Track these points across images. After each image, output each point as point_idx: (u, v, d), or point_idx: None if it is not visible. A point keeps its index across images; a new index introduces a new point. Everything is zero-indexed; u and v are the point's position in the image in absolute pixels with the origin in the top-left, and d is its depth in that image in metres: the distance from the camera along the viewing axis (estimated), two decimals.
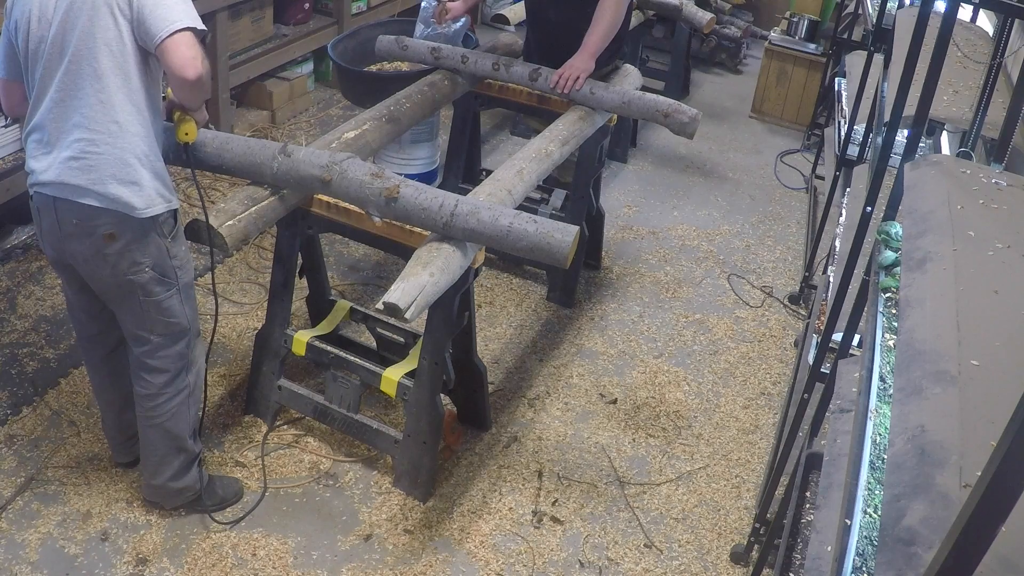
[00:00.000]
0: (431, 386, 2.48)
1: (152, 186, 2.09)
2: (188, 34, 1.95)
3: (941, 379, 1.09)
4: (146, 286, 2.17)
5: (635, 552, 2.56)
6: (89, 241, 2.09)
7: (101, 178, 2.04)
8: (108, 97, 2.01)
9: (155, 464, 2.38)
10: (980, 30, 2.77)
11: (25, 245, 3.45)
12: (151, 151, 2.10)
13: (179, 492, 2.42)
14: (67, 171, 2.04)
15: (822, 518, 1.54)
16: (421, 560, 2.45)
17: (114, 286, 2.17)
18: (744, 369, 3.35)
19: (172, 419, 2.32)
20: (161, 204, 2.11)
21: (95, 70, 1.99)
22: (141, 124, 2.06)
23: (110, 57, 1.98)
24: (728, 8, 6.20)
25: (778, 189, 4.76)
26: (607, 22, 3.03)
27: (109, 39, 1.97)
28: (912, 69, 1.66)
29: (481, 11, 6.28)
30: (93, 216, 2.06)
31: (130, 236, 2.09)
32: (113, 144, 2.03)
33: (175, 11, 1.95)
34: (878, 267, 1.67)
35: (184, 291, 2.25)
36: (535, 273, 3.68)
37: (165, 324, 2.24)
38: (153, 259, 2.15)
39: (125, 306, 2.22)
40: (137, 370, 2.31)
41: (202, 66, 1.98)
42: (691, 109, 3.00)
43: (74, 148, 2.04)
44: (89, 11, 1.96)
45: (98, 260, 2.11)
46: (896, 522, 0.92)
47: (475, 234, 2.21)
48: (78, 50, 1.98)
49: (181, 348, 2.29)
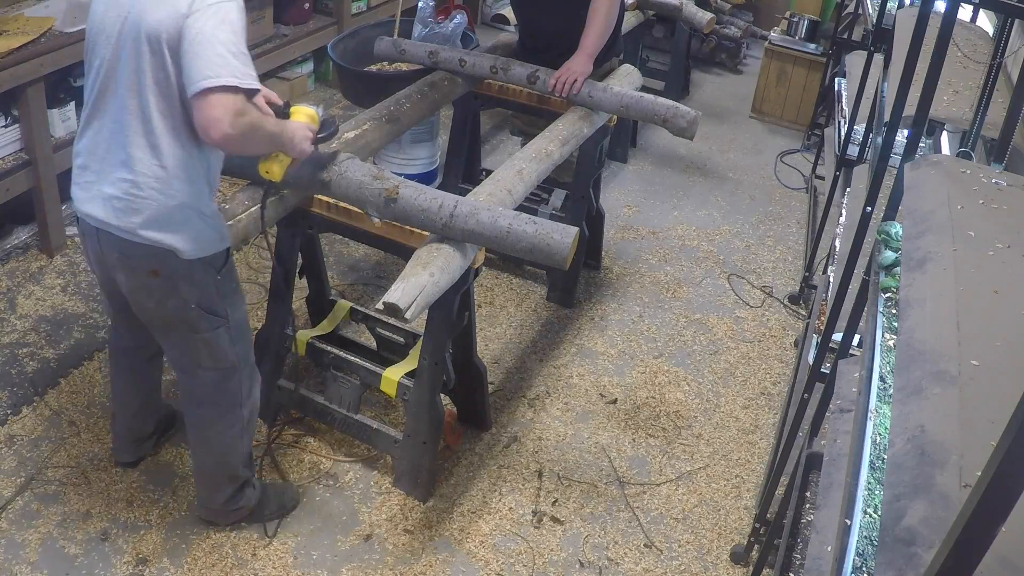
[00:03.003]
0: (431, 386, 2.48)
1: (199, 230, 1.99)
2: (221, 92, 1.78)
3: (941, 379, 1.09)
4: (192, 322, 2.07)
5: (635, 552, 2.56)
6: (132, 275, 2.01)
7: (144, 223, 1.93)
8: (156, 140, 1.90)
9: (209, 489, 2.36)
10: (980, 30, 2.77)
11: (25, 245, 3.45)
12: (200, 194, 1.99)
13: (235, 512, 2.41)
14: (110, 210, 1.95)
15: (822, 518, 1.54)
16: (421, 560, 2.45)
17: (159, 318, 2.09)
18: (744, 369, 3.35)
19: (224, 451, 2.28)
20: (209, 247, 2.02)
21: (143, 109, 1.88)
22: (190, 168, 1.94)
23: (158, 97, 1.86)
24: (728, 8, 6.19)
25: (778, 189, 4.75)
26: (601, 22, 3.03)
27: (159, 78, 1.85)
28: (912, 69, 1.66)
29: (481, 11, 6.28)
30: (136, 252, 1.97)
31: (175, 274, 2.00)
32: (158, 190, 1.92)
33: (214, 64, 1.78)
34: (878, 267, 1.67)
35: (235, 328, 2.16)
36: (535, 273, 3.68)
37: (213, 360, 2.15)
38: (199, 296, 2.05)
39: (171, 339, 2.15)
40: (186, 401, 2.25)
41: (232, 127, 1.79)
42: (690, 112, 2.99)
43: (118, 187, 1.94)
44: (134, 43, 1.84)
45: (142, 292, 2.04)
46: (896, 522, 0.92)
47: (474, 235, 2.21)
48: (128, 84, 1.87)
49: (231, 385, 2.21)
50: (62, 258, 3.42)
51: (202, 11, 1.79)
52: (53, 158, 3.27)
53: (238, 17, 1.84)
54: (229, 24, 1.81)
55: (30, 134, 3.16)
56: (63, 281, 3.31)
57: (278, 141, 2.01)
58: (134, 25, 1.83)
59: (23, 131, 3.17)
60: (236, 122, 1.80)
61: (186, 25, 1.79)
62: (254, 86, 1.85)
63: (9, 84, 2.98)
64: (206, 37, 1.78)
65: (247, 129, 1.84)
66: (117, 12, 1.88)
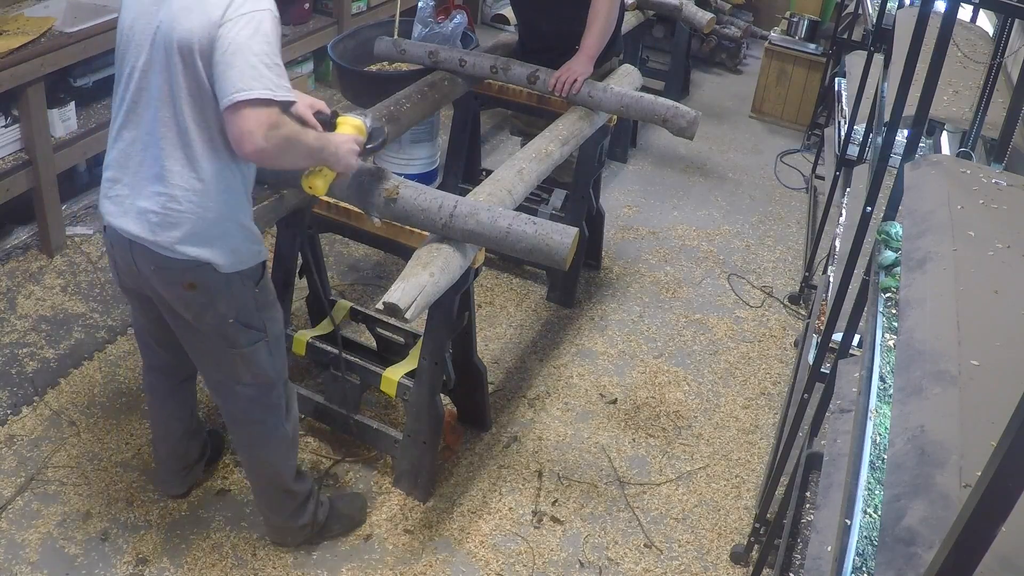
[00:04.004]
0: (431, 386, 2.48)
1: (237, 243, 1.95)
2: (254, 105, 1.73)
3: (941, 379, 1.09)
4: (231, 337, 2.02)
5: (635, 552, 2.56)
6: (168, 287, 1.96)
7: (182, 237, 1.88)
8: (193, 153, 1.84)
9: (268, 508, 2.34)
10: (980, 30, 2.77)
11: (25, 245, 3.45)
12: (237, 206, 1.94)
13: (300, 529, 2.37)
14: (145, 225, 1.89)
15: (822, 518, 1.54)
16: (421, 560, 2.45)
17: (195, 332, 2.04)
18: (744, 369, 3.35)
19: (274, 467, 2.26)
20: (247, 260, 1.98)
21: (177, 121, 1.82)
22: (227, 180, 1.90)
23: (192, 108, 1.81)
24: (728, 8, 6.19)
25: (778, 189, 4.75)
26: (602, 24, 3.03)
27: (192, 89, 1.80)
28: (912, 69, 1.66)
29: (481, 11, 6.28)
30: (172, 266, 1.92)
31: (213, 288, 1.95)
32: (196, 203, 1.87)
33: (247, 76, 1.72)
34: (878, 267, 1.67)
35: (274, 342, 2.12)
36: (535, 273, 3.68)
37: (252, 376, 2.10)
38: (238, 309, 2.00)
39: (208, 356, 2.10)
40: (230, 423, 2.21)
41: (266, 140, 1.75)
42: (690, 112, 2.99)
43: (154, 201, 1.88)
44: (165, 52, 1.78)
45: (179, 304, 1.98)
46: (896, 522, 0.92)
47: (474, 235, 2.21)
48: (161, 95, 1.82)
49: (271, 400, 2.17)
50: (62, 258, 3.42)
51: (235, 20, 1.74)
52: (53, 158, 3.27)
53: (272, 26, 1.79)
54: (263, 34, 1.76)
55: (30, 134, 3.16)
56: (63, 281, 3.31)
57: (320, 156, 1.95)
58: (165, 34, 1.78)
59: (23, 131, 3.17)
60: (270, 135, 1.76)
61: (219, 35, 1.73)
62: (289, 98, 1.79)
63: (9, 84, 2.98)
64: (239, 47, 1.73)
65: (282, 142, 1.80)
66: (147, 20, 1.82)
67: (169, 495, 2.52)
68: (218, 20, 1.74)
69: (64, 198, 3.52)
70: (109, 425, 2.73)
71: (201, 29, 1.75)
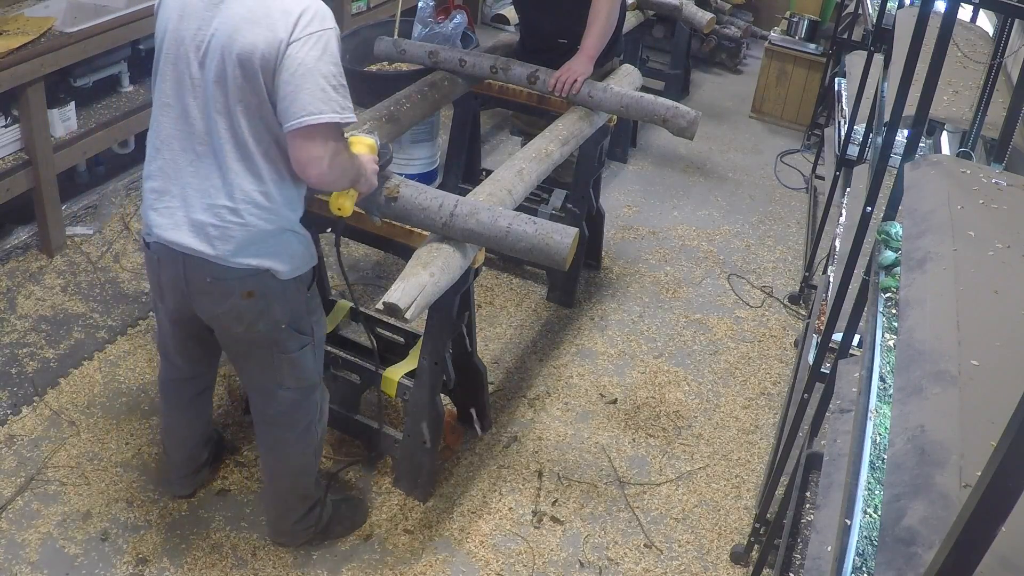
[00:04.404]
0: (431, 386, 2.48)
1: (295, 249, 1.95)
2: (324, 130, 1.73)
3: (941, 379, 1.08)
4: (282, 342, 2.02)
5: (635, 552, 2.56)
6: (224, 299, 1.92)
7: (243, 248, 1.86)
8: (254, 165, 1.81)
9: (280, 510, 2.33)
10: (980, 30, 2.77)
11: (25, 245, 3.45)
12: (295, 213, 1.94)
13: (304, 531, 2.37)
14: (203, 238, 1.85)
15: (822, 518, 1.54)
16: (421, 560, 2.45)
17: (245, 341, 2.02)
18: (744, 369, 3.35)
19: (299, 471, 2.26)
20: (303, 265, 1.99)
21: (235, 133, 1.79)
22: (286, 190, 1.88)
23: (250, 120, 1.78)
24: (728, 8, 6.20)
25: (778, 189, 4.75)
26: (602, 24, 3.03)
27: (251, 102, 1.76)
28: (912, 69, 1.66)
29: (481, 11, 6.28)
30: (231, 276, 1.89)
31: (270, 294, 1.94)
32: (258, 215, 1.85)
33: (316, 99, 1.71)
34: (878, 267, 1.67)
35: (318, 346, 2.13)
36: (535, 273, 3.68)
37: (295, 380, 2.10)
38: (292, 315, 2.00)
39: (253, 360, 2.07)
40: (262, 423, 2.20)
41: (330, 169, 1.76)
42: (690, 111, 2.99)
43: (212, 214, 1.84)
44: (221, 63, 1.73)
45: (231, 317, 1.96)
46: (896, 522, 0.92)
47: (474, 235, 2.21)
48: (218, 106, 1.78)
49: (309, 404, 2.17)
50: (62, 258, 3.42)
51: (304, 40, 1.72)
52: (53, 158, 3.27)
53: (338, 45, 1.78)
54: (330, 54, 1.75)
55: (30, 134, 3.16)
56: (63, 281, 3.31)
57: (357, 177, 1.95)
58: (223, 43, 1.74)
59: (23, 131, 3.17)
60: (334, 161, 1.77)
61: (287, 53, 1.71)
62: (351, 119, 1.79)
63: (9, 84, 2.98)
64: (308, 69, 1.71)
65: (342, 167, 1.82)
66: (197, 24, 1.77)
67: (177, 496, 2.52)
68: (285, 38, 1.71)
69: (64, 198, 3.52)
70: (109, 425, 2.73)
71: (266, 44, 1.71)
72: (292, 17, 1.72)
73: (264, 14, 1.72)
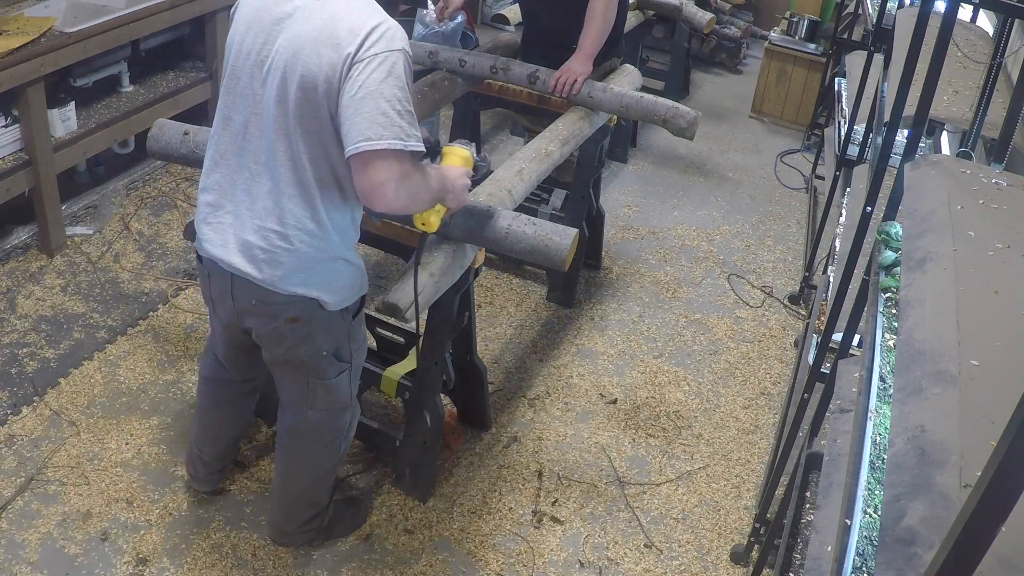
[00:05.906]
0: (431, 386, 2.48)
1: (344, 279, 1.89)
2: (385, 157, 1.63)
3: (941, 379, 1.09)
4: (321, 368, 1.99)
5: (635, 552, 2.56)
6: (269, 320, 1.89)
7: (290, 275, 1.81)
8: (309, 191, 1.74)
9: (286, 514, 2.32)
10: (980, 30, 2.77)
11: (25, 245, 3.45)
12: (347, 242, 1.88)
13: (307, 533, 2.37)
14: (251, 260, 1.80)
15: (822, 518, 1.54)
16: (421, 560, 2.45)
17: (284, 361, 1.99)
18: (744, 369, 3.35)
19: (314, 481, 2.26)
20: (352, 295, 1.94)
21: (293, 156, 1.72)
22: (340, 218, 1.81)
23: (309, 144, 1.71)
24: (728, 8, 6.20)
25: (778, 189, 4.76)
26: (599, 22, 3.03)
27: (310, 126, 1.69)
28: (912, 69, 1.66)
29: (481, 11, 6.28)
30: (277, 300, 1.84)
31: (314, 322, 1.90)
32: (308, 243, 1.79)
33: (377, 123, 1.61)
34: (878, 267, 1.67)
35: (355, 371, 2.10)
36: (535, 273, 3.68)
37: (327, 403, 2.08)
38: (334, 343, 1.97)
39: (289, 379, 2.05)
40: (285, 433, 2.18)
41: (396, 196, 1.65)
42: (690, 112, 2.99)
43: (262, 237, 1.78)
44: (283, 82, 1.66)
45: (273, 338, 1.93)
46: (896, 522, 0.92)
47: (473, 235, 2.21)
48: (278, 127, 1.71)
49: (339, 424, 2.16)
50: (62, 258, 3.42)
51: (368, 60, 1.62)
52: (53, 158, 3.27)
53: (405, 69, 1.67)
54: (396, 77, 1.64)
55: (30, 134, 3.16)
56: (63, 281, 3.31)
57: (440, 196, 1.87)
58: (285, 63, 1.67)
59: (23, 131, 3.17)
60: (400, 189, 1.66)
61: (349, 75, 1.62)
62: (419, 148, 1.68)
63: (9, 84, 2.97)
64: (370, 92, 1.61)
65: (410, 193, 1.71)
66: (263, 39, 1.71)
67: (204, 492, 2.51)
68: (349, 58, 1.63)
69: (64, 198, 3.52)
70: (109, 425, 2.73)
71: (329, 65, 1.64)
72: (359, 37, 1.64)
73: (331, 33, 1.65)
